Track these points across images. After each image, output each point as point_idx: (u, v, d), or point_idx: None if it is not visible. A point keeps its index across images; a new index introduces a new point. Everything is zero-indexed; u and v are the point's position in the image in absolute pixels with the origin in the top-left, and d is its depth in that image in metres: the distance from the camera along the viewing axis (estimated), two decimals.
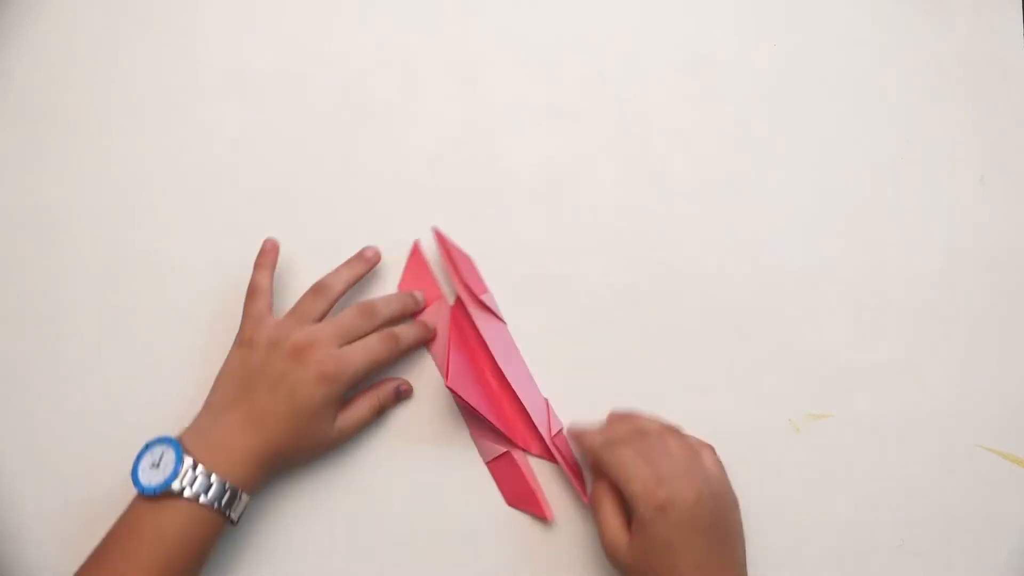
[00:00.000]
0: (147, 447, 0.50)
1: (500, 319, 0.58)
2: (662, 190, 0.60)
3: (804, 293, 0.58)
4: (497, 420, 0.54)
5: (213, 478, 0.49)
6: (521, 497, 0.55)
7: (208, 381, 0.57)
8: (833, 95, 0.62)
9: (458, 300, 0.57)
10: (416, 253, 0.59)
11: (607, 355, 0.58)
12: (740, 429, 0.56)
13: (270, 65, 0.63)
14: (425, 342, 0.57)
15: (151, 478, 0.49)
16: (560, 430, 0.56)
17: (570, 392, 0.57)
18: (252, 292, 0.55)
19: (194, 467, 0.49)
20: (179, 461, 0.49)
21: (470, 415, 0.56)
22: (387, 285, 0.59)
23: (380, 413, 0.55)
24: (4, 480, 0.57)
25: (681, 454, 0.50)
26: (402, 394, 0.56)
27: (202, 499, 0.49)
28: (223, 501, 0.49)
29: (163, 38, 0.63)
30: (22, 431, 0.57)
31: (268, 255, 0.56)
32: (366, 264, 0.56)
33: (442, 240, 0.58)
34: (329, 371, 0.51)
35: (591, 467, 0.54)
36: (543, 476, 0.56)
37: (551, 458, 0.55)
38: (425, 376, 0.58)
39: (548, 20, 0.63)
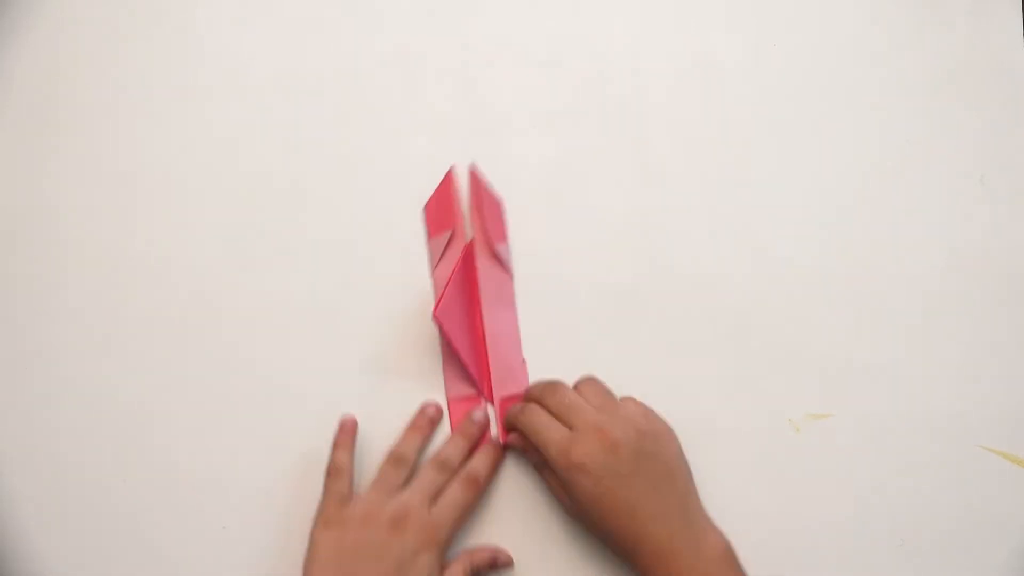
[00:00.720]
0: None
1: (507, 272, 0.58)
2: (662, 190, 0.60)
3: (804, 293, 0.58)
4: (471, 365, 0.55)
5: None
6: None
7: (207, 379, 0.58)
8: (833, 95, 0.62)
9: (473, 242, 0.58)
10: (448, 179, 0.59)
11: (607, 355, 0.58)
12: (740, 429, 0.56)
13: (271, 65, 0.63)
14: (499, 463, 0.55)
15: None
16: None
17: None
18: (333, 472, 0.53)
19: None
20: None
21: (448, 352, 0.56)
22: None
23: None
24: (4, 480, 0.57)
25: (596, 402, 0.52)
26: (499, 564, 0.54)
27: None
28: None
29: (163, 38, 0.63)
30: (22, 431, 0.57)
31: (348, 434, 0.54)
32: (431, 424, 0.56)
33: (475, 179, 0.58)
34: (430, 537, 0.51)
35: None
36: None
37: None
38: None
39: (548, 20, 0.63)
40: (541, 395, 0.53)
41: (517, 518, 0.55)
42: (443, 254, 0.58)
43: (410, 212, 0.60)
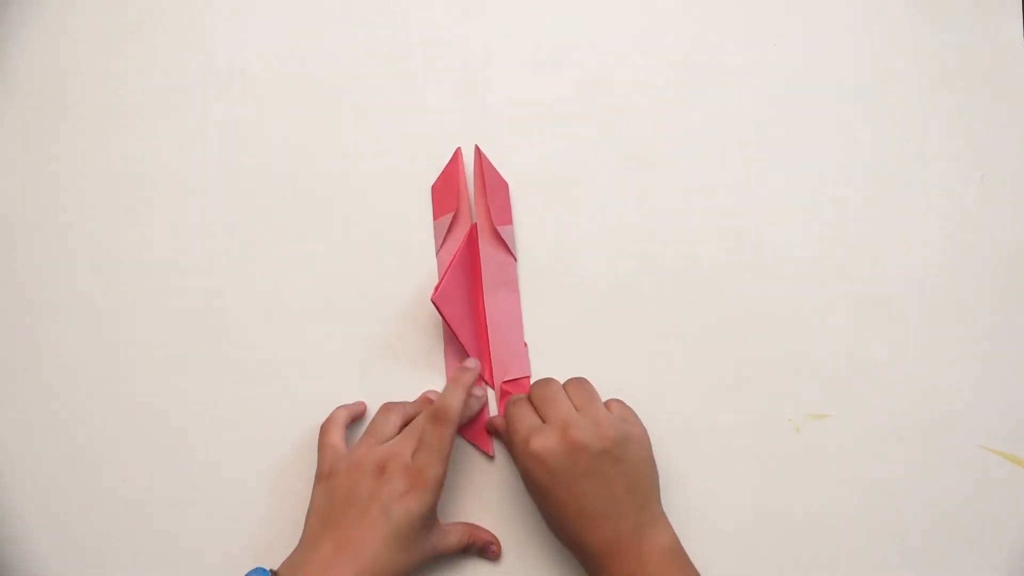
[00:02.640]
0: None
1: (511, 254, 0.58)
2: (662, 190, 0.60)
3: (804, 293, 0.58)
4: (472, 348, 0.56)
5: None
6: (471, 428, 0.56)
7: (206, 379, 0.58)
8: (833, 95, 0.62)
9: (477, 224, 0.58)
10: (455, 160, 0.60)
11: (606, 355, 0.58)
12: (740, 429, 0.56)
13: (270, 65, 0.63)
14: (474, 402, 0.56)
15: None
16: (526, 378, 0.57)
17: None
18: (327, 425, 0.55)
19: None
20: None
21: (449, 334, 0.57)
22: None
23: (464, 550, 0.54)
24: (4, 480, 0.57)
25: (578, 401, 0.52)
26: (489, 554, 0.55)
27: None
28: None
29: (164, 37, 0.63)
30: (22, 431, 0.57)
31: (347, 406, 0.56)
32: (426, 402, 0.56)
33: (481, 159, 0.59)
34: (415, 481, 0.50)
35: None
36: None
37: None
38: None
39: (548, 20, 0.63)
40: (532, 387, 0.54)
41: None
42: (447, 236, 0.58)
43: (411, 204, 0.60)
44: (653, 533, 0.49)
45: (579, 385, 0.54)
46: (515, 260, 0.59)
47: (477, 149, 0.59)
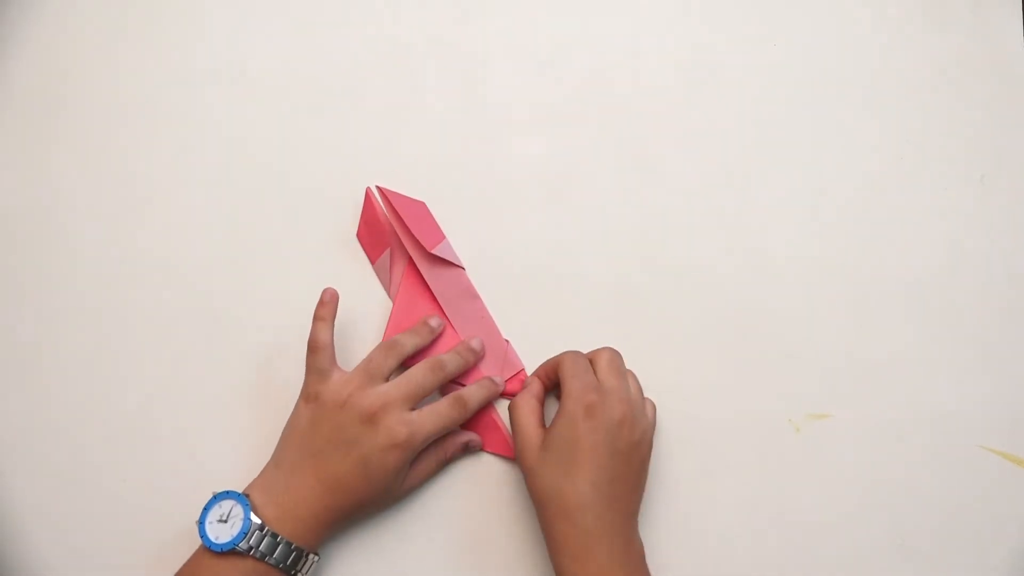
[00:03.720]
0: (215, 499, 0.50)
1: (457, 265, 0.58)
2: (663, 190, 0.60)
3: (804, 293, 0.58)
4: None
5: (280, 539, 0.49)
6: (488, 440, 0.56)
7: (206, 380, 0.58)
8: (833, 95, 0.62)
9: (411, 257, 0.58)
10: (369, 201, 0.59)
11: None
12: (740, 429, 0.56)
13: (270, 65, 0.63)
14: (491, 400, 0.56)
15: (218, 533, 0.49)
16: (520, 371, 0.57)
17: None
18: (313, 347, 0.53)
19: (261, 528, 0.49)
20: (247, 520, 0.49)
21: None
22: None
23: (445, 465, 0.56)
24: (4, 480, 0.57)
25: (632, 388, 0.53)
26: (470, 448, 0.56)
27: (268, 559, 0.49)
28: (288, 561, 0.49)
29: (164, 38, 0.64)
30: (22, 431, 0.57)
31: (327, 307, 0.54)
32: (431, 333, 0.56)
33: (385, 196, 0.58)
34: (401, 440, 0.51)
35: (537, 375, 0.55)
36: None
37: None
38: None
39: (548, 20, 0.63)
40: (598, 351, 0.54)
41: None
42: (391, 274, 0.58)
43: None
44: (637, 534, 0.51)
45: (632, 376, 0.55)
46: (463, 268, 0.59)
47: (379, 189, 0.59)
